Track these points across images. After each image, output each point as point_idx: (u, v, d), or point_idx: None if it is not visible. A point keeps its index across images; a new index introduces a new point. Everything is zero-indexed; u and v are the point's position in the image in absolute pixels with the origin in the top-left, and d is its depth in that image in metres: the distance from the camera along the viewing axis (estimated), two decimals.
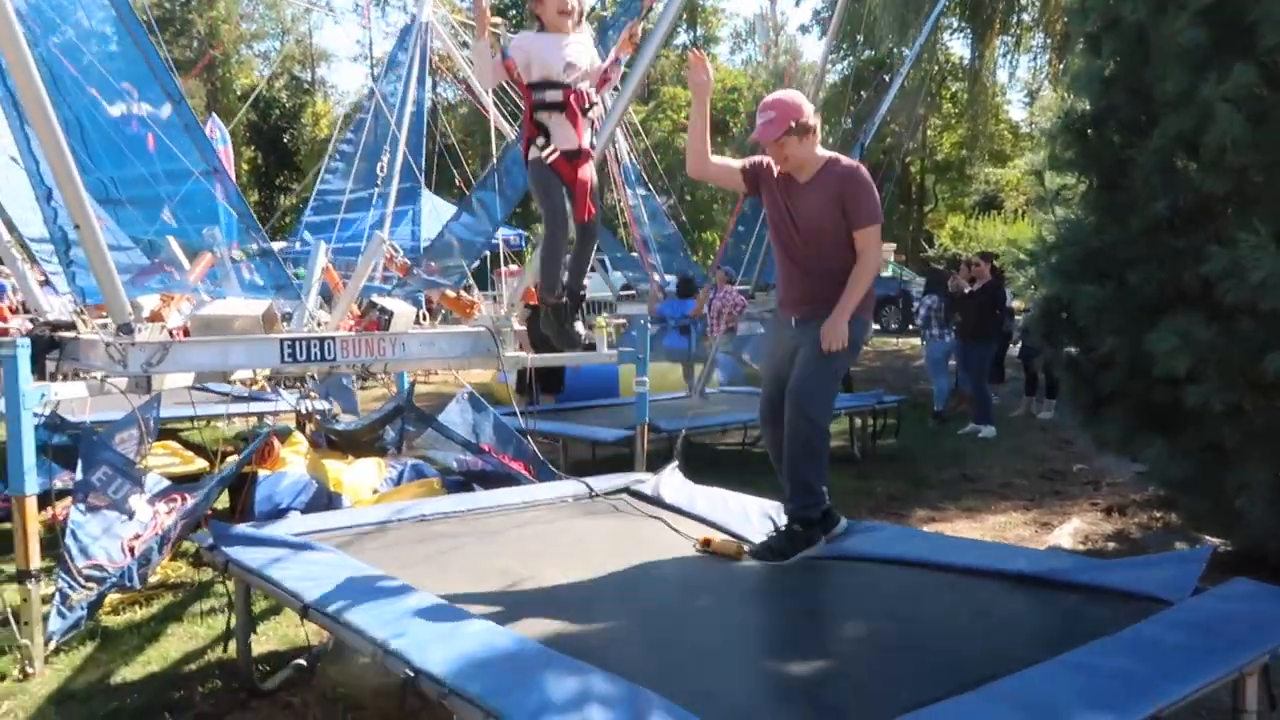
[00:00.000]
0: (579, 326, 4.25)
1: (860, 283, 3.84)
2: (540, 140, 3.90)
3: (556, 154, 3.90)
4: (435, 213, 12.22)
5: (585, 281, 4.30)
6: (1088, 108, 5.60)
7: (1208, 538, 5.44)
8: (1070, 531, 6.01)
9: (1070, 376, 5.64)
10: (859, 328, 3.92)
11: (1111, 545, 5.77)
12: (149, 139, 5.05)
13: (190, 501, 4.91)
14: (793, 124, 3.81)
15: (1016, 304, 11.17)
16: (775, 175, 3.99)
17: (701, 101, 3.98)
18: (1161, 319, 4.88)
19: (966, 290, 10.08)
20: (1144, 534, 5.96)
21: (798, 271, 3.99)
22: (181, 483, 5.52)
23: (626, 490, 4.85)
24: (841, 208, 3.82)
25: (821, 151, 3.95)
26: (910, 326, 18.45)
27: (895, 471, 8.04)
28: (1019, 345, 11.24)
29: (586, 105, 3.99)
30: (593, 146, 4.20)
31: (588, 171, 4.07)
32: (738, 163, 4.18)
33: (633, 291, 16.26)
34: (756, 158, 4.10)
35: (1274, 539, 4.76)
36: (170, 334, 4.77)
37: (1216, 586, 3.00)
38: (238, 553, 3.57)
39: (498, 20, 4.10)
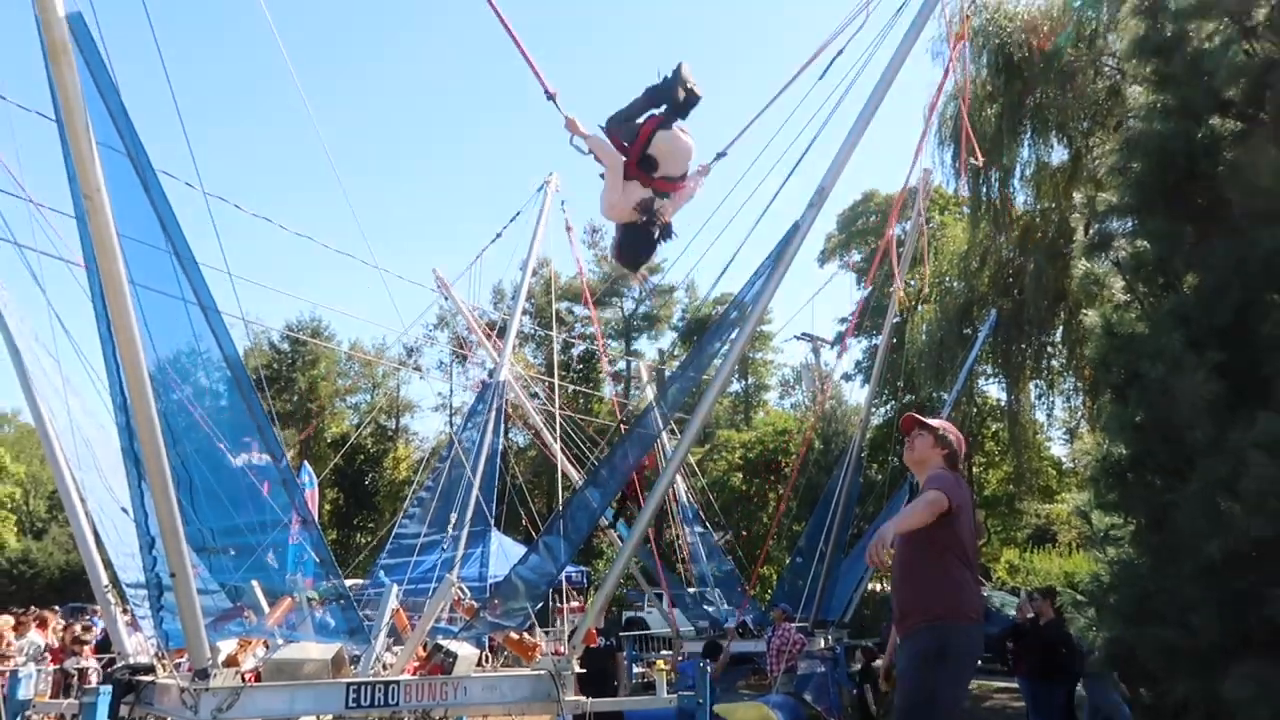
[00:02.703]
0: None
1: (912, 508, 4.07)
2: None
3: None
4: (502, 551, 12.52)
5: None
6: (1124, 451, 5.83)
7: None
8: None
9: None
10: (938, 637, 4.01)
11: None
12: (264, 486, 5.52)
13: None
14: (935, 426, 4.43)
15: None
16: None
17: None
18: (1232, 664, 4.77)
19: (1031, 619, 9.70)
20: None
21: (895, 583, 4.32)
22: None
23: None
24: None
25: (939, 467, 4.36)
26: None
27: None
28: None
29: None
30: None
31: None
32: None
33: (692, 629, 15.93)
34: None
35: None
36: (243, 678, 4.94)
37: None
38: None
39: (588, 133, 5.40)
